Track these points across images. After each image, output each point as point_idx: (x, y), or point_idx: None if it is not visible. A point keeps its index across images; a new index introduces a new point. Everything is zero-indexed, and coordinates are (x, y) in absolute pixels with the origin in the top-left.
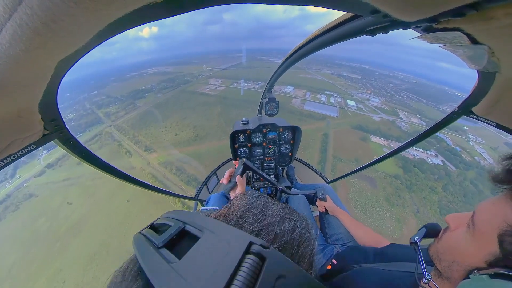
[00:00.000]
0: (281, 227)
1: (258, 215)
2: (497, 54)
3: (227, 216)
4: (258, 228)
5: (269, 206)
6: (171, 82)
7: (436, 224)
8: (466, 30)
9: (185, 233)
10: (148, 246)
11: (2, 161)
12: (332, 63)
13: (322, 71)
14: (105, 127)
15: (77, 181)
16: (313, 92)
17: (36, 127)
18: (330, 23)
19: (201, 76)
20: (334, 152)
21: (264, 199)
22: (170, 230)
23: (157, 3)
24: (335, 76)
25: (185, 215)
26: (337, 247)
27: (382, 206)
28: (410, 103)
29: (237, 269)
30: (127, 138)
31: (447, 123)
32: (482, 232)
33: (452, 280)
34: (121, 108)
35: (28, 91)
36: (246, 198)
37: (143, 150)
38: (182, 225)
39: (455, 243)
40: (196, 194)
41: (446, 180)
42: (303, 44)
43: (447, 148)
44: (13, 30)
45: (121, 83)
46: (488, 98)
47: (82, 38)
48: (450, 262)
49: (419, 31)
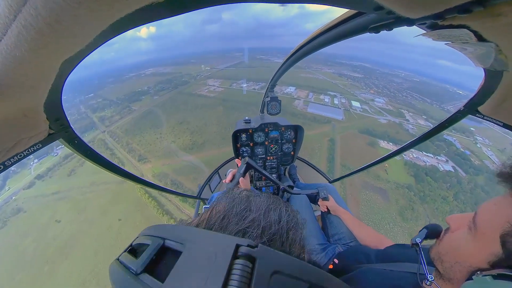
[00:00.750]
0: (267, 219)
1: (242, 212)
2: (505, 51)
3: (210, 220)
4: (244, 226)
5: (251, 200)
6: (168, 83)
7: (437, 225)
8: (472, 27)
9: (165, 250)
10: (125, 275)
11: (9, 160)
12: (333, 62)
13: (323, 70)
14: (99, 133)
15: (67, 194)
16: (315, 93)
17: (42, 127)
18: (333, 21)
19: (199, 76)
20: (342, 160)
21: (246, 193)
22: (148, 250)
23: (159, 3)
24: (336, 75)
25: (164, 230)
26: (339, 246)
27: (395, 222)
28: (414, 103)
29: (228, 278)
30: (121, 146)
31: (452, 122)
32: (484, 232)
33: (454, 281)
34: (116, 112)
35: (34, 91)
36: (227, 197)
37: (137, 160)
38: (161, 242)
39: (457, 244)
40: (198, 192)
41: (457, 188)
42: (306, 42)
43: (457, 152)
44: (18, 31)
45: (118, 85)
46: (494, 97)
47: (85, 38)
48: (452, 263)
49: (424, 28)
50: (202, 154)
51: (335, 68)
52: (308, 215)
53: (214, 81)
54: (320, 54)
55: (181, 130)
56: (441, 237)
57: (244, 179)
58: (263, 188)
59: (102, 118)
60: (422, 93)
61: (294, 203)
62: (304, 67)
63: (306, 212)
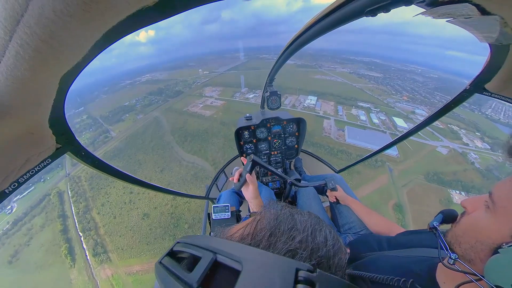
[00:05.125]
0: (315, 240)
1: (289, 231)
2: (511, 24)
3: (256, 236)
4: (294, 246)
5: (296, 219)
6: (159, 94)
7: (452, 210)
8: (474, 1)
9: (218, 265)
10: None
11: (22, 177)
12: (342, 59)
13: (337, 69)
14: (58, 182)
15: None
16: (344, 105)
17: (49, 142)
18: (327, 8)
19: (196, 84)
20: None
21: (289, 211)
22: (201, 265)
23: (149, 7)
24: (354, 76)
25: (210, 241)
26: (350, 236)
27: None
28: (455, 110)
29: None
30: (77, 217)
31: (458, 103)
32: (505, 206)
33: (476, 261)
34: (92, 139)
35: (37, 108)
36: (270, 212)
37: (92, 254)
38: (214, 256)
39: (476, 224)
40: (206, 193)
41: None
42: (301, 33)
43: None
44: (15, 51)
45: (110, 95)
46: (502, 73)
47: (80, 50)
48: (472, 243)
49: (423, 6)
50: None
51: (349, 67)
52: (317, 206)
53: (212, 90)
54: (324, 51)
55: (158, 179)
56: (458, 220)
57: (251, 176)
58: (269, 183)
59: None
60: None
61: (302, 196)
62: (314, 65)
63: (314, 204)
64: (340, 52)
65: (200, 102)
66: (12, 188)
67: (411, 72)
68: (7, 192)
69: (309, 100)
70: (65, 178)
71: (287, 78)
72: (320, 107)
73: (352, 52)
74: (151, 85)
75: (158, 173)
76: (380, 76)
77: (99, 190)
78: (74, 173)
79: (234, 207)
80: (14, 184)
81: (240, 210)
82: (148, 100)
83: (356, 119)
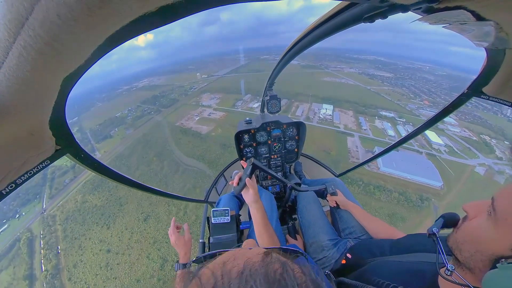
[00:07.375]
0: None
1: None
2: (506, 29)
3: None
4: None
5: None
6: (152, 103)
7: (454, 213)
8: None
9: None
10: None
11: (20, 178)
12: (346, 58)
13: (344, 70)
14: (32, 221)
15: None
16: (365, 115)
17: (48, 144)
18: (326, 14)
19: (193, 90)
20: None
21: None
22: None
23: (152, 13)
24: (365, 76)
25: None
26: (351, 241)
27: None
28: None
29: None
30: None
31: (456, 106)
32: (506, 218)
33: (475, 270)
34: (73, 163)
35: (38, 109)
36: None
37: None
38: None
39: (476, 232)
40: (205, 196)
41: None
42: (301, 37)
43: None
44: (18, 52)
45: (106, 103)
46: (499, 76)
47: (83, 54)
48: (472, 252)
49: (420, 13)
50: None
51: (356, 66)
52: (317, 211)
53: (211, 97)
54: (328, 50)
55: (138, 230)
56: (458, 225)
57: (251, 179)
58: (269, 187)
59: (53, 177)
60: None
61: (302, 200)
62: (319, 66)
63: (315, 208)
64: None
65: (196, 113)
66: (10, 189)
67: (419, 70)
68: (4, 193)
69: (324, 110)
70: (39, 217)
71: (294, 81)
72: (339, 119)
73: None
74: (147, 92)
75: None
76: (391, 76)
77: (73, 241)
78: (49, 211)
79: (233, 211)
80: (12, 185)
81: (239, 214)
82: (140, 110)
83: (384, 135)
